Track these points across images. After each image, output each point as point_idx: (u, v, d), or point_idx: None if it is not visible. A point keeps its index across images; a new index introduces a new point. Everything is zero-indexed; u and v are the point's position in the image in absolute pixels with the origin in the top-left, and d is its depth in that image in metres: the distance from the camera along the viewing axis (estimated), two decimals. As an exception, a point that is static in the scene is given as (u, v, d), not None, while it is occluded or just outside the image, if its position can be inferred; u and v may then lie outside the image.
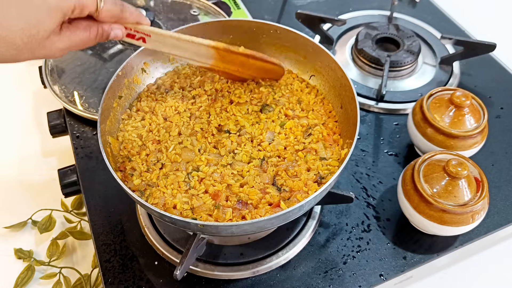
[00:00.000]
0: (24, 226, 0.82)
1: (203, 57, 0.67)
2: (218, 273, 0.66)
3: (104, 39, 0.57)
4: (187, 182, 0.62)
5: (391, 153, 0.83)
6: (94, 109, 0.85)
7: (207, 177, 0.62)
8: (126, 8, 0.57)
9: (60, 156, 0.93)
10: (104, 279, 0.66)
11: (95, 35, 0.55)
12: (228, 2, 1.09)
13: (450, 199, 0.65)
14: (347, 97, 0.67)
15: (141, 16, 0.60)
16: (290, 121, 0.69)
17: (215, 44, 0.66)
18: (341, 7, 1.13)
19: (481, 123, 0.74)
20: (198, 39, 0.65)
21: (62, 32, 0.51)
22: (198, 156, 0.65)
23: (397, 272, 0.68)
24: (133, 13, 0.59)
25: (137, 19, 0.60)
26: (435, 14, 1.12)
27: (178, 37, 0.64)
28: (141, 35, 0.62)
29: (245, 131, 0.68)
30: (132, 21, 0.59)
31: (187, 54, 0.67)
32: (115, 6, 0.55)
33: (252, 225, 0.54)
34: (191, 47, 0.65)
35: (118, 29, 0.58)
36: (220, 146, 0.66)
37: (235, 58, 0.69)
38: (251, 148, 0.66)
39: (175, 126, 0.68)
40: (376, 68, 0.95)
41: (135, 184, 0.62)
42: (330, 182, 0.56)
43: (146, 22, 0.61)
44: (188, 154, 0.65)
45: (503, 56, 1.01)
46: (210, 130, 0.68)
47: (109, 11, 0.54)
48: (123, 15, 0.57)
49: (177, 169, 0.63)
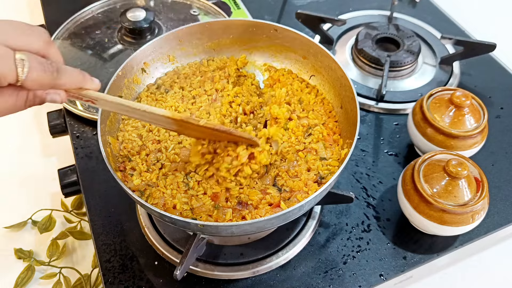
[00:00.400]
0: (24, 226, 0.82)
1: (165, 124, 0.57)
2: (218, 273, 0.66)
3: (38, 103, 0.49)
4: (186, 182, 0.62)
5: (391, 153, 0.83)
6: (94, 109, 0.85)
7: (203, 180, 0.63)
8: (62, 73, 0.47)
9: (60, 156, 0.93)
10: (104, 279, 0.66)
11: (23, 101, 0.47)
12: (228, 2, 1.09)
13: (450, 199, 0.65)
14: (347, 97, 0.67)
15: (83, 80, 0.50)
16: (292, 122, 0.68)
17: (171, 115, 0.55)
18: (341, 7, 1.13)
19: (481, 123, 0.74)
20: (151, 109, 0.54)
21: None
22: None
23: (397, 272, 0.68)
24: (72, 77, 0.49)
25: (78, 84, 0.50)
26: (435, 14, 1.12)
27: (128, 105, 0.54)
28: (88, 98, 0.52)
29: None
30: (72, 86, 0.49)
31: (146, 119, 0.57)
32: (44, 73, 0.44)
33: (252, 225, 0.54)
34: (147, 114, 0.55)
35: (55, 94, 0.48)
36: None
37: (199, 128, 0.57)
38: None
39: None
40: (376, 68, 0.95)
41: (135, 184, 0.62)
42: (330, 182, 0.56)
43: (90, 86, 0.51)
44: (187, 154, 0.65)
45: (503, 56, 1.01)
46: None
47: (36, 80, 0.44)
48: (57, 82, 0.46)
49: (175, 169, 0.63)
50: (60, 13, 1.05)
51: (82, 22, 1.01)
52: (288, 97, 0.72)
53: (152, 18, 0.95)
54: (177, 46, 0.75)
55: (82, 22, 1.01)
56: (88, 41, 0.97)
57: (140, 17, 0.94)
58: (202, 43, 0.76)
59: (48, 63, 0.45)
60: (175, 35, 0.73)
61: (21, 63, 0.43)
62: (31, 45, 0.44)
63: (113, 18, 1.02)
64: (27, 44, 0.44)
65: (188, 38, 0.75)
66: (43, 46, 0.46)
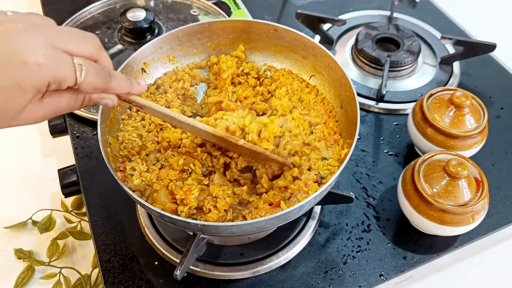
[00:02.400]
0: (24, 226, 0.82)
1: (206, 136, 0.61)
2: (218, 273, 0.66)
3: (92, 105, 0.52)
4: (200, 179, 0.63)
5: (391, 153, 0.83)
6: (94, 109, 0.86)
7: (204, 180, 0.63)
8: (113, 78, 0.50)
9: (60, 156, 0.93)
10: (104, 279, 0.66)
11: (80, 103, 0.50)
12: (228, 2, 1.09)
13: (450, 199, 0.65)
14: (347, 97, 0.67)
15: (130, 85, 0.53)
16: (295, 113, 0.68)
17: (212, 132, 0.59)
18: (341, 7, 1.13)
19: (481, 123, 0.74)
20: (194, 122, 0.58)
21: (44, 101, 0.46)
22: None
23: (397, 272, 0.68)
24: (121, 82, 0.51)
25: (126, 89, 0.53)
26: (435, 14, 1.12)
27: (172, 116, 0.58)
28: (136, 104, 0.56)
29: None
30: (121, 91, 0.52)
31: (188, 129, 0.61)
32: (99, 78, 0.48)
33: (252, 225, 0.54)
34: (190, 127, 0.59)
35: (108, 99, 0.52)
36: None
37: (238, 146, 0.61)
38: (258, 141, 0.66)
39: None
40: (376, 68, 0.95)
41: (135, 184, 0.62)
42: (330, 182, 0.56)
43: (137, 91, 0.54)
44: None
45: (503, 56, 1.01)
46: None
47: (91, 84, 0.47)
48: (109, 86, 0.50)
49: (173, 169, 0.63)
50: (60, 13, 1.05)
51: (82, 22, 1.01)
52: (288, 96, 0.72)
53: (152, 18, 0.95)
54: (177, 46, 0.75)
55: (82, 22, 1.01)
56: (88, 41, 0.97)
57: (140, 17, 0.94)
58: (202, 43, 0.76)
59: (101, 68, 0.48)
60: (175, 35, 0.73)
61: (79, 68, 0.45)
62: (85, 51, 0.46)
63: (113, 18, 1.02)
64: (82, 49, 0.46)
65: (188, 38, 0.75)
66: (95, 51, 0.48)
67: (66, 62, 0.44)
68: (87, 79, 0.46)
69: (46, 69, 0.42)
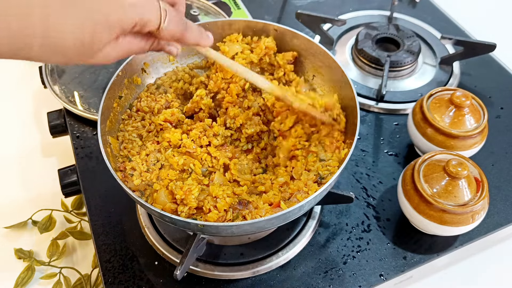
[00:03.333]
0: (24, 226, 0.82)
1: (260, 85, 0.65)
2: (218, 273, 0.66)
3: (157, 50, 0.53)
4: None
5: (391, 153, 0.83)
6: (94, 109, 0.86)
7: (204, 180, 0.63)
8: (189, 28, 0.52)
9: (60, 156, 0.93)
10: (104, 279, 0.66)
11: (149, 46, 0.51)
12: (228, 2, 1.09)
13: (450, 199, 0.65)
14: (347, 97, 0.67)
15: (201, 38, 0.55)
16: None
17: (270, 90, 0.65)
18: (341, 7, 1.13)
19: (481, 123, 0.74)
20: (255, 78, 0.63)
21: (118, 42, 0.46)
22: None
23: (397, 272, 0.68)
24: (194, 34, 0.53)
25: (197, 41, 0.55)
26: (435, 14, 1.12)
27: (236, 70, 0.63)
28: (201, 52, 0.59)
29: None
30: (192, 42, 0.54)
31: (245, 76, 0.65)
32: (178, 27, 0.49)
33: (252, 225, 0.54)
34: (252, 81, 0.64)
35: (174, 47, 0.53)
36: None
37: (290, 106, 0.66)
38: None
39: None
40: (376, 68, 0.95)
41: (135, 184, 0.62)
42: (330, 182, 0.56)
43: (205, 43, 0.56)
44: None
45: (503, 56, 1.01)
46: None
47: (170, 31, 0.48)
48: (184, 37, 0.51)
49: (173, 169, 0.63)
50: (60, 13, 1.05)
51: (82, 22, 1.01)
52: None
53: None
54: (177, 46, 0.75)
55: (82, 22, 1.01)
56: (88, 41, 0.97)
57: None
58: (202, 43, 0.76)
59: (180, 17, 0.50)
60: (175, 35, 0.73)
61: (164, 13, 0.47)
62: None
63: (113, 18, 1.02)
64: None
65: (188, 38, 0.75)
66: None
67: (154, 7, 0.46)
68: (168, 26, 0.47)
69: (137, 11, 0.44)
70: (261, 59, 0.74)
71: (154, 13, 0.46)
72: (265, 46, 0.73)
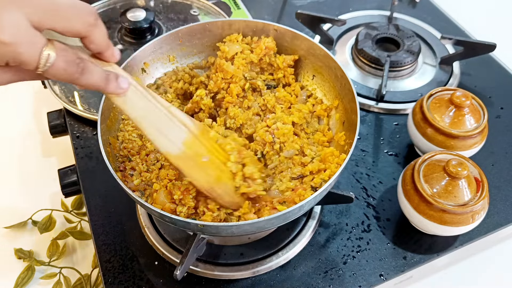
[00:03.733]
0: (24, 226, 0.82)
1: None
2: (218, 273, 0.66)
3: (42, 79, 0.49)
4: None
5: (391, 153, 0.83)
6: (94, 109, 0.85)
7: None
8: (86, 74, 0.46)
9: (60, 156, 0.93)
10: (104, 279, 0.66)
11: (29, 77, 0.47)
12: (228, 2, 1.09)
13: (450, 199, 0.65)
14: (347, 97, 0.67)
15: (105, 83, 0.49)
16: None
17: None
18: (341, 7, 1.13)
19: (481, 123, 0.74)
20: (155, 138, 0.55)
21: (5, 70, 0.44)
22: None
23: (397, 272, 0.68)
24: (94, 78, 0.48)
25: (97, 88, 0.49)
26: (435, 14, 1.12)
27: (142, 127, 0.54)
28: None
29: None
30: (89, 87, 0.48)
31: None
32: (65, 72, 0.44)
33: (252, 225, 0.54)
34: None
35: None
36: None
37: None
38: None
39: None
40: (376, 68, 0.95)
41: (135, 184, 0.62)
42: (330, 182, 0.56)
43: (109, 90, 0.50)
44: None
45: (503, 56, 1.01)
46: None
47: (54, 75, 0.44)
48: (77, 81, 0.46)
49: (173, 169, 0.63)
50: (60, 13, 1.05)
51: (82, 22, 1.01)
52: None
53: (152, 18, 0.95)
54: (177, 46, 0.75)
55: (82, 22, 1.01)
56: (88, 41, 0.97)
57: (140, 17, 0.94)
58: (202, 43, 0.76)
59: (76, 63, 0.45)
60: (175, 35, 0.73)
61: (45, 57, 0.42)
62: (71, 29, 0.44)
63: (113, 18, 1.02)
64: (67, 29, 0.44)
65: (188, 38, 0.75)
66: (84, 29, 0.45)
67: (34, 48, 0.42)
68: (50, 70, 0.43)
69: (8, 49, 0.40)
70: (261, 59, 0.74)
71: (31, 55, 0.41)
72: (265, 46, 0.73)
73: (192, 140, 0.57)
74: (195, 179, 0.57)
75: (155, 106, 0.55)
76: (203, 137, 0.59)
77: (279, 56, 0.74)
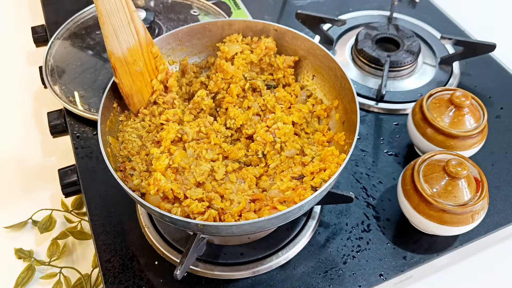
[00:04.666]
0: (24, 226, 0.82)
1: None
2: (218, 273, 0.66)
3: None
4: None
5: (391, 153, 0.83)
6: (94, 109, 0.86)
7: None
8: None
9: (60, 156, 0.93)
10: (104, 279, 0.66)
11: None
12: (228, 2, 1.09)
13: (450, 199, 0.65)
14: (347, 97, 0.67)
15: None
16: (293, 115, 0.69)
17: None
18: (341, 7, 1.13)
19: (481, 123, 0.74)
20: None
21: None
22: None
23: (397, 272, 0.68)
24: None
25: None
26: (435, 14, 1.12)
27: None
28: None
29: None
30: None
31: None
32: None
33: (252, 225, 0.54)
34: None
35: None
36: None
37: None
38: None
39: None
40: (376, 68, 0.95)
41: (135, 184, 0.62)
42: (330, 182, 0.56)
43: None
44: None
45: (503, 56, 1.01)
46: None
47: None
48: None
49: None
50: (60, 13, 1.05)
51: (83, 22, 1.01)
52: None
53: (152, 18, 0.95)
54: (177, 46, 0.75)
55: (82, 22, 1.01)
56: (88, 41, 0.98)
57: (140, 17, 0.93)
58: (202, 43, 0.76)
59: None
60: (175, 35, 0.74)
61: None
62: None
63: (113, 18, 1.02)
64: None
65: (188, 38, 0.75)
66: None
67: None
68: None
69: None
70: (261, 60, 0.74)
71: None
72: (265, 46, 0.73)
73: (136, 49, 0.65)
74: (122, 82, 0.65)
75: (122, 7, 0.61)
76: (146, 49, 0.66)
77: (279, 57, 0.74)
